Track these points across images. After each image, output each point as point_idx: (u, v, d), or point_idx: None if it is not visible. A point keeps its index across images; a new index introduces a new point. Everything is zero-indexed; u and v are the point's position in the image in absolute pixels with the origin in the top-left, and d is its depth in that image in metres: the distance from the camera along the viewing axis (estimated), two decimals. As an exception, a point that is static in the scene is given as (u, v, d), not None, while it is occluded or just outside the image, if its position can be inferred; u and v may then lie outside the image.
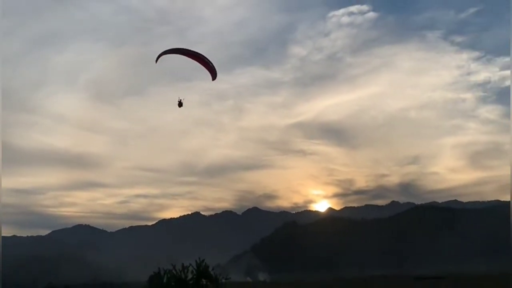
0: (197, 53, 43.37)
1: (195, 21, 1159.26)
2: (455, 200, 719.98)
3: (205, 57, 43.55)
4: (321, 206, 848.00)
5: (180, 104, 45.80)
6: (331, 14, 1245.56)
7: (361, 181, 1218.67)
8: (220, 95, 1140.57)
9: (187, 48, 43.63)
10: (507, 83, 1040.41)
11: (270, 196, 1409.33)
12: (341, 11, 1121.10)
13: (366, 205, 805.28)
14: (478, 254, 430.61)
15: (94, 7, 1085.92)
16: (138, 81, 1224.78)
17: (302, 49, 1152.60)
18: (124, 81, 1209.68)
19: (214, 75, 44.61)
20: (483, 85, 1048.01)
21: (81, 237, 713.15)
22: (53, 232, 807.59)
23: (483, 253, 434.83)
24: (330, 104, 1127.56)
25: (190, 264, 41.80)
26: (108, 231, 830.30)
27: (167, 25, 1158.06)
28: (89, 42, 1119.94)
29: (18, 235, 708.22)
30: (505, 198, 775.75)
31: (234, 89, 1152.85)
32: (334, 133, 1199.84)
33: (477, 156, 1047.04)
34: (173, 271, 41.31)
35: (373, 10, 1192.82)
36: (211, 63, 43.34)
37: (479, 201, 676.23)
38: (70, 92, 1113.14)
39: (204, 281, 41.60)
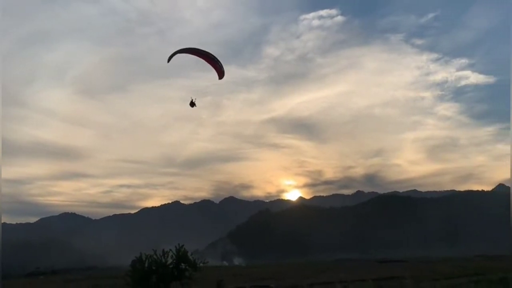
0: (206, 52, 41.59)
1: (175, 22, 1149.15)
2: (415, 190, 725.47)
3: (215, 57, 41.82)
4: (293, 195, 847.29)
5: (192, 104, 43.75)
6: (302, 17, 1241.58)
7: (329, 172, 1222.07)
8: (199, 91, 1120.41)
9: (197, 48, 41.69)
10: (463, 82, 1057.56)
11: (246, 186, 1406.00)
12: (312, 14, 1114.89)
13: (334, 194, 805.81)
14: (436, 240, 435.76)
15: (80, 8, 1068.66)
16: (121, 78, 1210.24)
17: (276, 50, 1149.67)
18: (109, 78, 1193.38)
19: (221, 75, 42.88)
20: (440, 84, 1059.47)
21: (67, 224, 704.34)
22: (41, 219, 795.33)
23: (439, 238, 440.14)
24: (301, 101, 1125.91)
25: (170, 250, 41.75)
26: (93, 218, 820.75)
27: (149, 26, 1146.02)
28: (76, 41, 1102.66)
29: (8, 222, 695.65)
30: (460, 188, 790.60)
31: (213, 87, 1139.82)
32: (305, 128, 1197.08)
33: (435, 150, 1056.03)
34: (154, 256, 40.90)
35: (341, 14, 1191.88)
36: (220, 63, 41.85)
37: (436, 191, 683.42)
38: (58, 88, 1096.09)
39: (183, 265, 41.30)
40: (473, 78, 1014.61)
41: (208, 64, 42.24)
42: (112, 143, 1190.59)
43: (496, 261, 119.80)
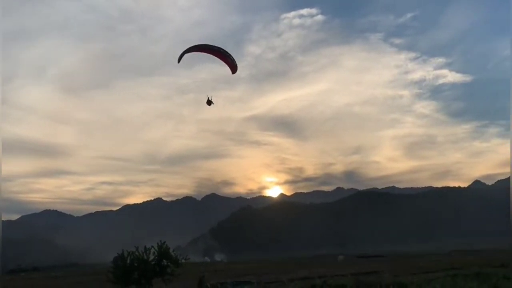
0: (218, 48, 40.35)
1: (157, 21, 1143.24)
2: (393, 186, 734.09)
3: (226, 51, 40.58)
4: (274, 192, 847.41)
5: (209, 102, 41.87)
6: (283, 16, 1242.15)
7: (310, 169, 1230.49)
8: (181, 89, 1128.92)
9: (207, 43, 40.36)
10: (440, 81, 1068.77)
11: (227, 183, 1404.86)
12: (292, 13, 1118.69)
13: (314, 191, 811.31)
14: (413, 235, 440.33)
15: (61, 5, 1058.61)
16: (103, 75, 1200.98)
17: (257, 48, 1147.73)
18: (90, 75, 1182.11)
19: (234, 69, 41.46)
20: (418, 83, 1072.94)
21: (49, 221, 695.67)
22: (22, 216, 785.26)
23: (417, 234, 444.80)
24: (282, 99, 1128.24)
25: (152, 246, 41.26)
26: (75, 215, 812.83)
27: (131, 24, 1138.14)
28: (57, 38, 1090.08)
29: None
30: (437, 184, 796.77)
31: (194, 84, 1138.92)
32: (286, 125, 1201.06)
33: (413, 147, 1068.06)
34: (136, 252, 40.50)
35: (322, 14, 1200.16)
36: (231, 57, 40.35)
37: (414, 187, 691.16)
38: (39, 85, 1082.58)
39: (165, 261, 40.97)
40: (450, 77, 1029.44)
41: (221, 60, 40.97)
42: (94, 140, 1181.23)
43: (471, 256, 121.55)
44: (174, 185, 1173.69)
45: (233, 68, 41.27)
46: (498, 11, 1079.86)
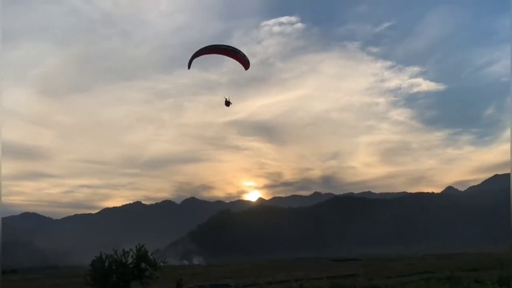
0: (225, 46, 39.95)
1: (139, 25, 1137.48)
2: (369, 191, 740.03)
3: (235, 48, 39.98)
4: (253, 196, 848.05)
5: (227, 103, 41.39)
6: (263, 23, 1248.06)
7: (288, 174, 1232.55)
8: (161, 93, 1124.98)
9: (214, 44, 40.06)
10: (415, 89, 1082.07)
11: (207, 187, 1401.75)
12: (272, 21, 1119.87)
13: (292, 195, 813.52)
14: (388, 239, 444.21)
15: (43, 8, 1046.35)
16: (84, 79, 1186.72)
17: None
18: (71, 78, 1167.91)
19: (247, 65, 40.76)
20: (394, 91, 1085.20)
21: (28, 224, 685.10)
22: (2, 219, 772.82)
23: (392, 238, 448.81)
24: (262, 104, 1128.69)
25: (131, 249, 41.26)
26: (54, 218, 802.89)
27: (112, 28, 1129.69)
28: (38, 41, 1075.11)
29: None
30: (411, 190, 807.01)
31: (175, 89, 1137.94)
32: (266, 130, 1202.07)
33: (388, 153, 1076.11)
34: (115, 255, 40.28)
35: (301, 22, 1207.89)
36: (242, 53, 39.66)
37: (389, 192, 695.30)
38: (19, 87, 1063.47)
39: (143, 264, 40.83)
40: (425, 85, 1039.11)
41: (232, 59, 40.53)
42: (74, 143, 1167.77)
43: (444, 260, 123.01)
44: (154, 189, 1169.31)
45: (246, 64, 40.99)
46: (471, 22, 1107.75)
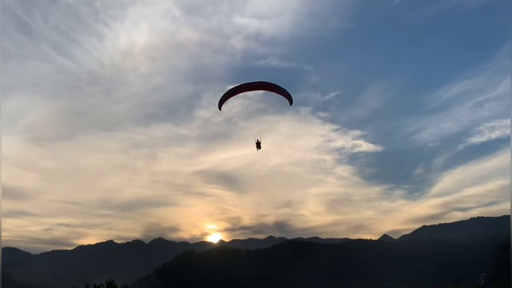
0: (273, 84, 31.61)
1: (120, 84, 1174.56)
2: (316, 237, 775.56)
3: (278, 86, 32.64)
4: (215, 238, 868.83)
5: (258, 145, 36.99)
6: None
7: (247, 219, 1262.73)
8: (137, 144, 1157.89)
9: (252, 82, 32.67)
10: (357, 149, 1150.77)
11: (174, 229, 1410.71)
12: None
13: (249, 238, 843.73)
14: (332, 281, 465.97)
15: (35, 66, 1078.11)
16: (68, 129, 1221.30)
17: (206, 113, 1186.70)
18: (57, 129, 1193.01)
19: (291, 100, 34.08)
20: (339, 150, 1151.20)
21: (8, 258, 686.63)
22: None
23: (335, 280, 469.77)
24: (226, 157, 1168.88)
25: (101, 284, 43.34)
26: (33, 253, 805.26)
27: (97, 85, 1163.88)
28: (29, 94, 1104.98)
29: None
30: (353, 236, 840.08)
31: (150, 140, 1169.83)
32: (228, 180, 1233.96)
33: (333, 203, 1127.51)
34: (87, 289, 42.12)
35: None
36: (281, 87, 32.17)
37: (333, 238, 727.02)
38: (10, 134, 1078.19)
39: (113, 297, 42.40)
40: (365, 146, 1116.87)
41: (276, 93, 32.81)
42: (55, 186, 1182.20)
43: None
44: (125, 229, 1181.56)
45: (290, 99, 34.87)
46: (404, 96, 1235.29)
